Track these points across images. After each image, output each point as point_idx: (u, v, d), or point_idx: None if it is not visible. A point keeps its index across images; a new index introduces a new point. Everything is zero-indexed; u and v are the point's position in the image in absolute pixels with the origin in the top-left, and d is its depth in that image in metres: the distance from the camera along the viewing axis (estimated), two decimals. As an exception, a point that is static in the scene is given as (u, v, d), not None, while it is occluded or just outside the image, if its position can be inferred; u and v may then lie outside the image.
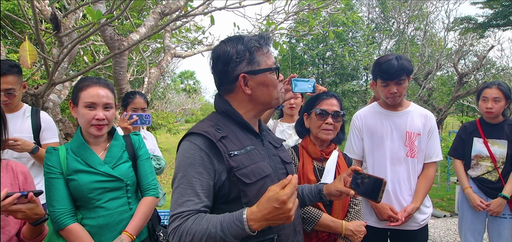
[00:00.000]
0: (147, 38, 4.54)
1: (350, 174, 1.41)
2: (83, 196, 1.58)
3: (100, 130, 1.63)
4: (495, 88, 2.63)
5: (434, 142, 2.18)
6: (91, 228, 1.58)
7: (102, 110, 1.63)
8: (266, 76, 1.23)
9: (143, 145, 1.85)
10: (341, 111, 1.82)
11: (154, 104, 16.22)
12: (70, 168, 1.58)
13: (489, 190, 2.69)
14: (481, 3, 10.98)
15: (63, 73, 3.60)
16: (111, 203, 1.62)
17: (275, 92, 1.26)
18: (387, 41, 17.15)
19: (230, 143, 1.18)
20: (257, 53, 1.22)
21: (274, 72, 1.25)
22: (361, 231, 1.71)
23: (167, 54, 4.46)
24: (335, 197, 1.42)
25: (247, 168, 1.16)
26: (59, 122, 3.41)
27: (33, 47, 1.85)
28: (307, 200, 1.49)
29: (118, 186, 1.64)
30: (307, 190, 1.50)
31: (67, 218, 1.55)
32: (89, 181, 1.58)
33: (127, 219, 1.65)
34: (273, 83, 1.25)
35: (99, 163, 1.63)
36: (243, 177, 1.14)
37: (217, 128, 1.19)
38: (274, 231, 1.19)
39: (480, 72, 12.21)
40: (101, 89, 1.64)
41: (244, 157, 1.18)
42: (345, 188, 1.38)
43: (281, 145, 1.42)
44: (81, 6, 2.66)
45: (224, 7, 3.04)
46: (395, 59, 2.01)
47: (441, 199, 6.68)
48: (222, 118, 1.25)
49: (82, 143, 1.64)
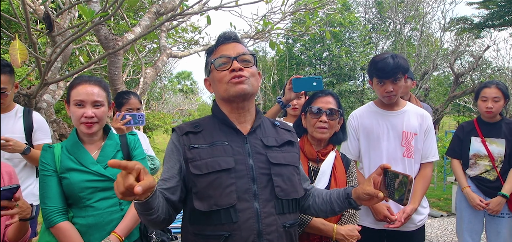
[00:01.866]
0: (142, 38, 4.51)
1: (380, 173, 1.20)
2: (74, 195, 1.58)
3: (90, 128, 1.61)
4: (495, 88, 2.62)
5: (431, 142, 2.16)
6: (81, 226, 1.58)
7: (91, 108, 1.61)
8: (212, 73, 1.30)
9: (139, 145, 1.82)
10: (338, 109, 1.77)
11: (151, 105, 16.18)
12: (63, 166, 1.59)
13: (488, 189, 2.68)
14: (477, 3, 11.05)
15: (57, 74, 3.56)
16: (101, 203, 1.60)
17: (221, 85, 1.26)
18: (384, 42, 17.23)
19: (199, 138, 1.26)
20: (209, 56, 1.34)
21: (221, 65, 1.26)
22: (353, 236, 1.65)
23: (163, 54, 4.43)
24: (365, 202, 1.24)
25: (202, 161, 1.21)
26: (53, 122, 3.37)
27: (24, 46, 1.82)
28: (336, 206, 1.33)
29: (110, 186, 1.62)
30: (336, 195, 1.34)
31: (57, 215, 1.55)
32: (81, 180, 1.57)
33: (118, 220, 1.64)
34: (216, 77, 1.28)
35: (92, 162, 1.62)
36: (194, 168, 1.21)
37: (195, 125, 1.30)
38: (226, 228, 1.17)
39: (476, 73, 12.27)
40: (91, 87, 1.62)
41: (204, 151, 1.23)
42: (374, 190, 1.17)
43: (284, 145, 1.34)
44: (75, 4, 2.63)
45: (220, 7, 3.01)
46: (390, 58, 1.99)
47: (438, 199, 6.69)
48: (209, 117, 1.35)
49: (76, 141, 1.65)
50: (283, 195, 1.25)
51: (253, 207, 1.20)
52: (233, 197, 1.18)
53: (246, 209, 1.19)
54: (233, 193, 1.18)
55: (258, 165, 1.24)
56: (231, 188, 1.19)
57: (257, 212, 1.20)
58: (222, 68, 1.26)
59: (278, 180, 1.25)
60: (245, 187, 1.20)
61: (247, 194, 1.20)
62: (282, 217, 1.25)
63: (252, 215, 1.19)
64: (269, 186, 1.24)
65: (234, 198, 1.18)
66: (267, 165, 1.25)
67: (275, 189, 1.24)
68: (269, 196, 1.23)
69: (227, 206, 1.18)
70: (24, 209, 1.30)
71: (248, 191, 1.20)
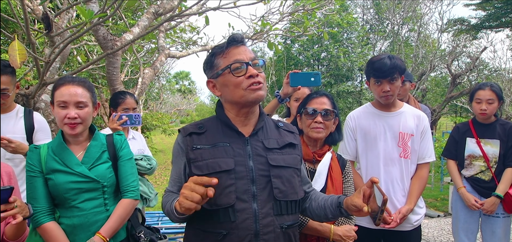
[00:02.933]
0: (141, 38, 4.51)
1: (370, 186, 1.19)
2: (59, 195, 1.59)
3: (73, 129, 1.61)
4: (489, 90, 2.65)
5: (427, 143, 2.19)
6: (66, 227, 1.59)
7: (74, 109, 1.60)
8: (224, 77, 1.28)
9: (125, 145, 1.81)
10: (333, 110, 1.79)
11: (149, 105, 16.15)
12: (48, 167, 1.59)
13: (483, 189, 2.71)
14: (474, 5, 11.10)
15: (55, 74, 3.56)
16: (86, 204, 1.61)
17: (237, 90, 1.26)
18: (382, 42, 17.26)
19: (202, 139, 1.29)
20: (217, 58, 1.31)
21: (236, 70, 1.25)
22: (350, 236, 1.67)
23: (161, 54, 4.43)
24: (354, 213, 1.23)
25: (203, 162, 1.24)
26: (51, 122, 3.37)
27: (23, 46, 1.83)
28: (329, 212, 1.34)
29: (94, 187, 1.63)
30: (329, 202, 1.35)
31: (43, 216, 1.56)
32: (65, 181, 1.58)
33: (103, 220, 1.63)
34: (231, 81, 1.26)
35: (76, 163, 1.62)
36: (195, 169, 1.24)
37: (199, 126, 1.33)
38: (224, 227, 1.21)
39: (473, 74, 12.31)
40: (74, 87, 1.62)
41: (206, 151, 1.26)
42: (361, 203, 1.17)
43: (286, 146, 1.34)
44: (73, 5, 2.63)
45: (218, 7, 3.03)
46: (387, 58, 2.02)
47: (434, 199, 6.72)
48: (213, 118, 1.37)
49: (61, 142, 1.65)
50: (282, 197, 1.27)
51: (251, 208, 1.22)
52: (232, 197, 1.21)
53: (244, 209, 1.21)
54: (232, 193, 1.21)
55: (257, 167, 1.26)
56: (231, 189, 1.21)
57: (255, 212, 1.22)
58: (238, 73, 1.25)
59: (277, 181, 1.27)
60: (244, 188, 1.23)
61: (246, 194, 1.22)
62: (280, 218, 1.26)
63: (250, 216, 1.21)
64: (268, 188, 1.26)
65: (233, 198, 1.21)
66: (267, 167, 1.27)
67: (273, 191, 1.26)
68: (268, 197, 1.25)
69: (226, 205, 1.21)
70: (22, 207, 1.31)
71: (247, 192, 1.23)
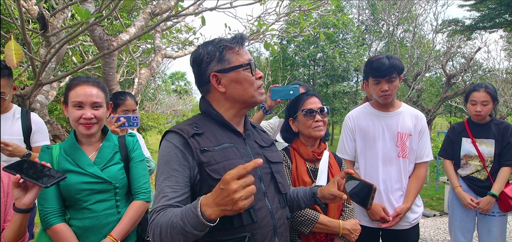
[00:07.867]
0: (137, 39, 4.49)
1: (344, 177, 1.36)
2: (71, 196, 1.57)
3: (89, 129, 1.61)
4: (483, 92, 2.67)
5: (425, 142, 2.20)
6: (77, 229, 1.57)
7: (90, 109, 1.61)
8: (238, 73, 1.24)
9: (138, 146, 1.80)
10: (324, 107, 1.84)
11: (145, 105, 16.07)
12: (60, 168, 1.57)
13: (479, 189, 2.73)
14: (469, 5, 11.19)
15: (51, 74, 3.53)
16: (98, 205, 1.59)
17: (250, 89, 1.25)
18: (377, 43, 17.36)
19: (205, 140, 1.20)
20: (227, 52, 1.25)
21: (248, 69, 1.25)
22: (357, 229, 1.73)
23: (158, 55, 4.41)
24: (329, 200, 1.38)
25: (219, 164, 1.17)
26: (47, 123, 3.34)
27: (19, 47, 1.81)
28: (303, 203, 1.46)
29: (106, 188, 1.61)
30: (302, 193, 1.46)
31: (54, 217, 1.54)
32: (77, 182, 1.56)
33: (114, 223, 1.62)
34: (247, 79, 1.24)
35: (88, 163, 1.60)
36: (212, 172, 1.15)
37: (195, 125, 1.23)
38: (248, 229, 1.16)
39: (468, 74, 12.40)
40: (89, 88, 1.62)
41: (217, 154, 1.19)
42: (338, 192, 1.32)
43: (272, 144, 1.42)
44: (69, 5, 2.61)
45: (215, 8, 3.02)
46: (386, 58, 2.05)
47: (430, 199, 6.76)
48: (202, 118, 1.29)
49: (73, 142, 1.63)
50: (284, 190, 1.34)
51: (266, 205, 1.24)
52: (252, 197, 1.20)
53: (261, 208, 1.23)
54: None
55: None
56: None
57: (270, 209, 1.25)
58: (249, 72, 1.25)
59: (279, 176, 1.33)
60: (257, 187, 1.20)
61: (259, 193, 1.24)
62: (285, 210, 1.34)
63: (267, 213, 1.23)
64: (272, 183, 1.30)
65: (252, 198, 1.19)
66: (268, 164, 1.31)
67: (278, 185, 1.31)
68: (274, 192, 1.30)
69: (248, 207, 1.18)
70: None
71: (259, 190, 1.24)
